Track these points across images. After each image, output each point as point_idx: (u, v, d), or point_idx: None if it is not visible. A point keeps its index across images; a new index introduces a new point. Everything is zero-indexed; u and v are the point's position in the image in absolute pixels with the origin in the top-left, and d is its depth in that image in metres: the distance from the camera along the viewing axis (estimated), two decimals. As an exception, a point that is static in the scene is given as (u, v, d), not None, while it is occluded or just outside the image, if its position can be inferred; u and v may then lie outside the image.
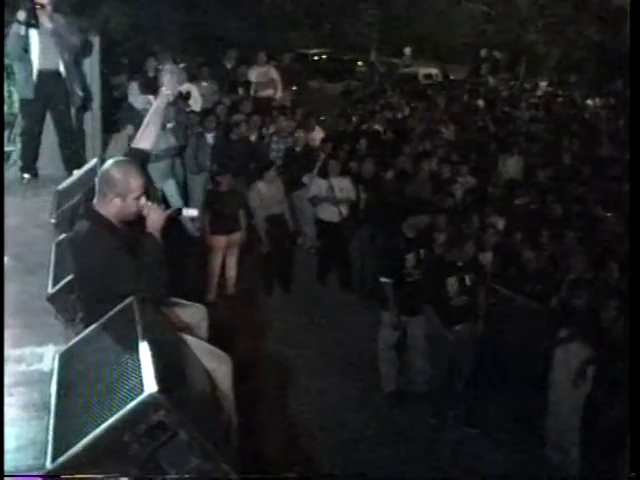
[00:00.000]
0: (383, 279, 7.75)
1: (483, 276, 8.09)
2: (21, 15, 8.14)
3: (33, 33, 8.27)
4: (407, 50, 24.41)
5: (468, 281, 7.72)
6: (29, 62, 8.42)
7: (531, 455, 7.02)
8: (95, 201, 3.97)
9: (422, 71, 23.26)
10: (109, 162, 4.03)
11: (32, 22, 8.16)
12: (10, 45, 8.46)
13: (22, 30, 8.22)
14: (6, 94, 11.88)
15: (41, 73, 8.46)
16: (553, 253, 8.74)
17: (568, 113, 17.56)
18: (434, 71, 23.25)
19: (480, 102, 17.36)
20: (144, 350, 3.37)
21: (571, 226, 9.26)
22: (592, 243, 8.76)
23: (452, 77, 22.56)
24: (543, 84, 22.42)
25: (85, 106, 8.98)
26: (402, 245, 7.82)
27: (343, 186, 9.99)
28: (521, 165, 12.41)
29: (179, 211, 4.57)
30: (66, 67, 8.46)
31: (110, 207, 3.92)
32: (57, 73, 8.48)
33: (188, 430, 3.19)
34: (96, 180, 4.04)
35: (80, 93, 8.66)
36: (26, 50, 8.40)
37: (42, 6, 8.14)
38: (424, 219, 8.03)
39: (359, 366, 8.19)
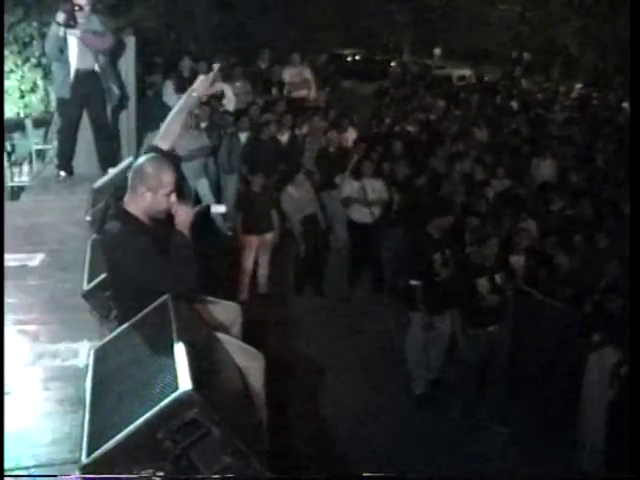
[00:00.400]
0: (413, 282, 7.75)
1: (513, 277, 8.06)
2: (60, 17, 8.25)
3: (70, 34, 8.38)
4: (437, 51, 24.34)
5: (499, 281, 7.69)
6: (67, 62, 8.53)
7: (559, 456, 6.99)
8: (126, 198, 4.00)
9: (456, 72, 23.21)
10: (143, 157, 4.07)
11: (70, 23, 8.27)
12: (49, 46, 8.59)
13: (61, 31, 8.33)
14: (43, 93, 12.13)
15: (78, 73, 8.55)
16: (586, 257, 8.66)
17: (602, 116, 17.40)
18: (468, 72, 23.18)
19: (514, 104, 17.27)
20: (178, 348, 3.39)
21: (604, 230, 9.17)
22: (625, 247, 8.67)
23: (486, 79, 22.46)
24: (578, 86, 22.27)
25: (122, 104, 9.07)
26: (429, 246, 7.83)
27: (375, 187, 9.97)
28: (555, 168, 12.32)
29: (207, 208, 4.59)
30: (102, 66, 8.55)
31: (141, 201, 3.95)
32: (94, 72, 8.57)
33: (221, 428, 3.21)
34: (129, 175, 4.08)
35: (117, 91, 8.77)
36: (63, 51, 8.52)
37: (80, 7, 8.25)
38: (448, 220, 8.01)
39: (390, 367, 8.18)
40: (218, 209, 4.76)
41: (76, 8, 8.24)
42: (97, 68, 8.55)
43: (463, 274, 7.79)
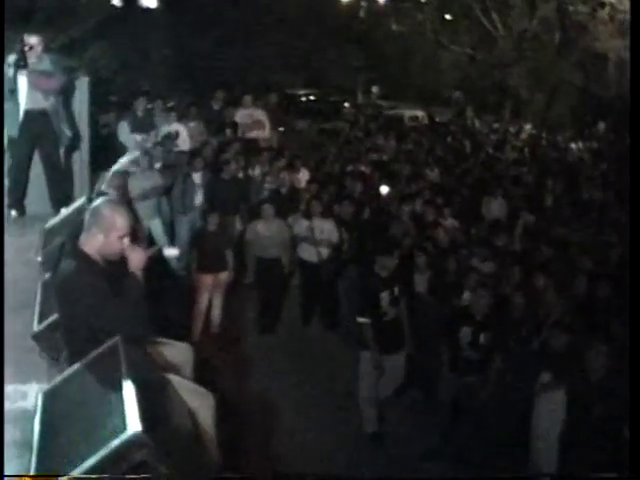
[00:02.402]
0: (361, 319, 7.80)
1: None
2: (11, 58, 8.26)
3: (20, 74, 8.37)
4: (374, 89, 24.75)
5: (482, 339, 7.76)
6: (16, 102, 8.53)
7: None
8: (81, 238, 4.04)
9: (408, 113, 23.54)
10: (100, 199, 4.13)
11: (21, 63, 8.27)
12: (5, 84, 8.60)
13: (10, 72, 8.33)
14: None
15: (27, 113, 8.53)
16: (534, 296, 8.80)
17: (552, 156, 17.79)
18: (420, 113, 23.52)
19: (465, 144, 17.59)
20: (128, 389, 3.40)
21: (551, 269, 9.34)
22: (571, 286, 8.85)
23: (437, 119, 22.82)
24: (527, 127, 22.74)
25: (74, 145, 9.03)
26: (376, 285, 7.89)
27: (324, 228, 10.04)
28: (505, 208, 12.53)
29: (160, 250, 4.63)
30: (52, 107, 8.51)
31: (94, 242, 4.00)
32: (44, 113, 8.55)
33: (170, 470, 3.22)
34: (85, 216, 4.12)
35: (68, 133, 8.72)
36: (13, 91, 8.51)
37: (31, 47, 8.25)
38: (393, 260, 8.03)
39: (344, 405, 8.18)
40: (171, 252, 4.81)
41: (26, 48, 8.25)
42: (47, 108, 8.52)
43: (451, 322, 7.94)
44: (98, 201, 4.14)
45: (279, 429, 7.32)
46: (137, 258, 4.01)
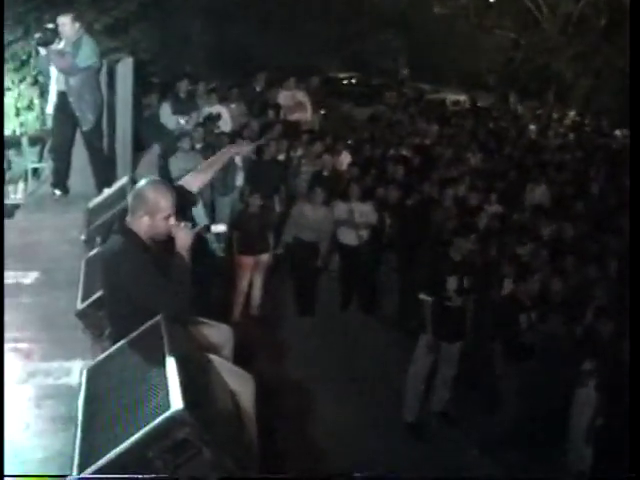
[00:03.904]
0: (423, 296, 7.69)
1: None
2: (36, 35, 8.35)
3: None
4: (404, 72, 24.54)
5: (533, 318, 7.74)
6: (49, 82, 8.63)
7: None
8: (128, 218, 4.07)
9: (450, 97, 23.33)
10: (143, 181, 4.14)
11: (40, 41, 8.32)
12: (39, 64, 8.69)
13: (42, 51, 8.39)
14: (39, 111, 12.19)
15: (59, 93, 8.60)
16: (577, 282, 8.72)
17: (596, 142, 17.52)
18: (462, 98, 23.30)
19: (508, 130, 17.38)
20: (171, 367, 3.43)
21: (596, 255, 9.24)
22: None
23: (480, 104, 22.58)
24: (572, 113, 22.41)
25: (97, 128, 8.96)
26: (446, 267, 7.75)
27: (363, 211, 10.02)
28: (548, 194, 12.39)
29: (207, 228, 4.65)
30: (71, 89, 8.51)
31: (140, 225, 4.02)
32: (64, 94, 8.59)
33: (211, 448, 3.23)
34: (129, 197, 4.14)
35: (90, 117, 8.69)
36: (45, 70, 8.59)
37: (55, 27, 8.29)
38: (468, 243, 7.86)
39: (380, 389, 8.17)
40: (218, 228, 4.83)
41: (49, 26, 8.30)
42: (66, 90, 8.53)
43: (504, 310, 7.85)
44: (141, 183, 4.14)
45: (315, 413, 7.31)
46: (184, 237, 4.04)
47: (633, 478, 3.92)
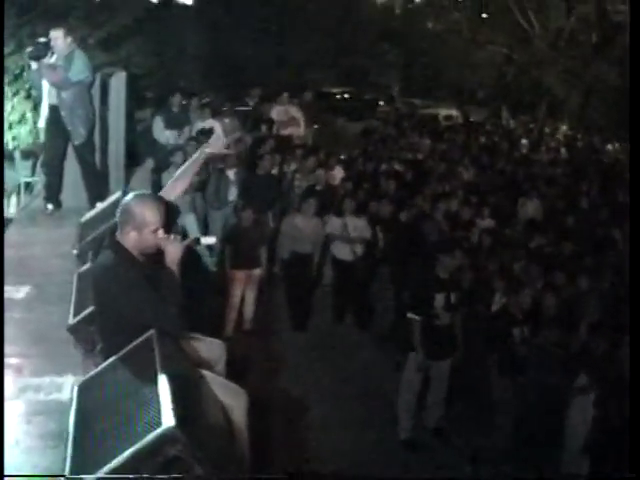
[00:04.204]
0: (411, 315, 7.63)
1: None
2: (28, 49, 8.37)
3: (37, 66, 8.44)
4: (397, 87, 24.65)
5: (526, 332, 7.77)
6: (42, 95, 8.63)
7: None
8: (117, 233, 4.06)
9: (442, 112, 23.46)
10: (129, 195, 4.12)
11: (32, 55, 8.34)
12: (31, 78, 8.70)
13: (34, 64, 8.41)
14: (32, 125, 12.18)
15: (51, 107, 8.60)
16: (569, 297, 8.73)
17: (588, 158, 17.61)
18: (454, 112, 23.43)
19: (500, 144, 17.46)
20: (162, 384, 3.41)
21: (587, 270, 9.26)
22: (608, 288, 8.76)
23: (472, 119, 22.70)
24: (563, 128, 22.53)
25: (89, 142, 8.95)
26: (432, 285, 7.71)
27: (357, 225, 10.02)
28: (540, 208, 12.43)
29: (197, 240, 4.62)
30: (63, 102, 8.51)
31: (129, 239, 4.00)
32: (56, 108, 8.59)
33: (203, 465, 3.21)
34: (117, 212, 4.13)
35: (82, 131, 8.68)
36: (38, 84, 8.60)
37: (49, 41, 8.31)
38: (455, 261, 7.83)
39: (376, 407, 8.14)
40: (208, 240, 4.81)
41: (41, 40, 8.32)
42: (57, 104, 8.53)
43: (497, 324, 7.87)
44: (127, 197, 4.12)
45: (309, 428, 7.28)
46: (174, 250, 4.01)
47: (633, 478, 3.91)
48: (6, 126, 12.17)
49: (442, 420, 7.99)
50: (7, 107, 12.18)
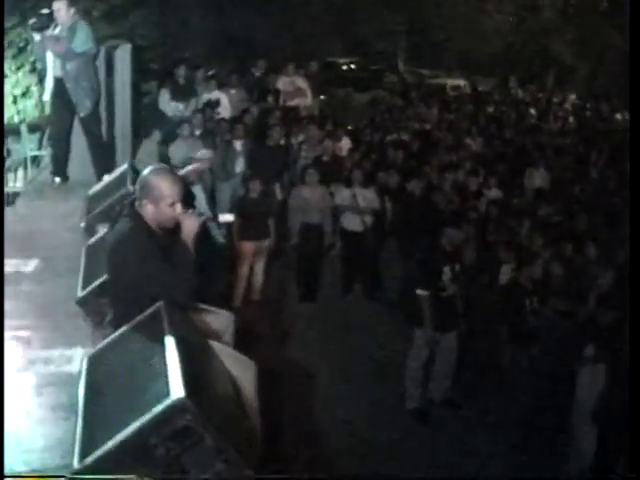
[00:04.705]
0: (420, 291, 7.62)
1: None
2: (31, 21, 8.33)
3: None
4: (403, 57, 24.56)
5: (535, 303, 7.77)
6: (47, 68, 8.60)
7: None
8: (136, 204, 4.07)
9: (450, 82, 23.26)
10: (147, 169, 4.13)
11: (35, 26, 8.30)
12: (35, 51, 8.66)
13: (37, 36, 8.36)
14: (38, 99, 12.16)
15: (56, 80, 8.57)
16: (578, 267, 8.70)
17: (596, 127, 17.48)
18: (462, 82, 23.23)
19: (508, 114, 17.34)
20: (171, 355, 3.42)
21: (596, 240, 9.22)
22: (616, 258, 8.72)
23: (480, 89, 22.50)
24: (572, 97, 22.32)
25: (95, 115, 8.96)
26: (439, 258, 7.69)
27: (367, 196, 9.99)
28: (548, 178, 12.38)
29: (215, 217, 4.62)
30: (67, 74, 8.47)
31: (146, 212, 4.02)
32: (61, 80, 8.56)
33: (213, 435, 3.23)
34: (136, 185, 4.15)
35: (88, 103, 8.66)
36: (42, 57, 8.56)
37: (52, 12, 8.26)
38: (461, 234, 7.82)
39: (384, 377, 8.17)
40: (225, 217, 4.81)
41: (44, 11, 8.28)
42: (62, 76, 8.49)
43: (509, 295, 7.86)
44: (145, 171, 4.14)
45: (317, 399, 7.31)
46: (191, 224, 4.03)
47: (633, 478, 3.91)
48: (11, 100, 12.16)
49: (451, 392, 8.02)
50: (12, 80, 12.17)
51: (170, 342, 3.51)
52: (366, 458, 6.68)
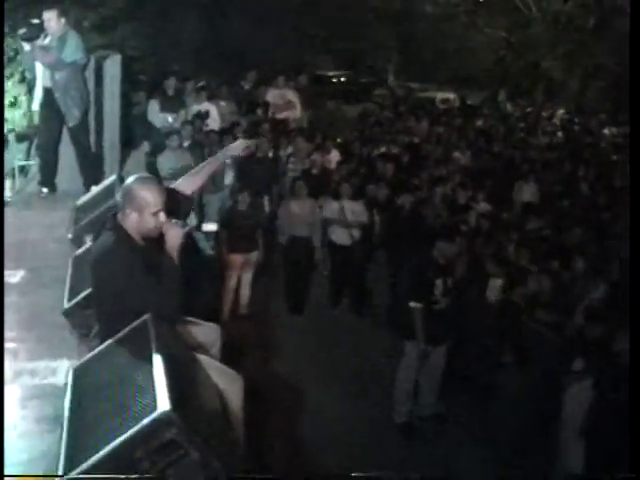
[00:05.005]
0: (413, 304, 7.57)
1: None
2: (21, 31, 8.32)
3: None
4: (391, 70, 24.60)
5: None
6: (36, 78, 8.59)
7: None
8: (118, 217, 4.04)
9: (439, 96, 23.37)
10: (131, 177, 4.11)
11: (25, 36, 8.29)
12: (24, 60, 8.65)
13: (26, 46, 8.35)
14: (26, 108, 12.10)
15: (45, 90, 8.55)
16: (565, 280, 8.73)
17: (584, 142, 17.57)
18: (451, 96, 23.34)
19: (497, 128, 17.42)
20: (158, 368, 3.39)
21: (584, 254, 9.25)
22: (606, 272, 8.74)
23: (469, 102, 22.61)
24: (560, 112, 22.46)
25: (84, 125, 8.93)
26: (431, 271, 7.65)
27: (355, 209, 9.98)
28: (537, 192, 12.42)
29: (198, 226, 4.59)
30: (56, 84, 8.45)
31: (130, 221, 3.99)
32: (50, 90, 8.54)
33: (199, 449, 3.21)
34: (118, 195, 4.12)
35: (76, 113, 8.63)
36: (31, 67, 8.55)
37: (42, 23, 8.26)
38: (453, 247, 7.77)
39: (371, 390, 8.14)
40: (209, 227, 4.79)
41: (34, 21, 8.27)
42: (51, 86, 8.48)
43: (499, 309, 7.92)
44: (129, 180, 4.11)
45: (305, 412, 7.28)
46: (174, 234, 4.00)
47: (633, 478, 3.91)
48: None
49: (438, 405, 8.00)
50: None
51: (157, 355, 3.49)
52: (352, 472, 6.62)
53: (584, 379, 6.95)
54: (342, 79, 25.05)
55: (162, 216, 3.99)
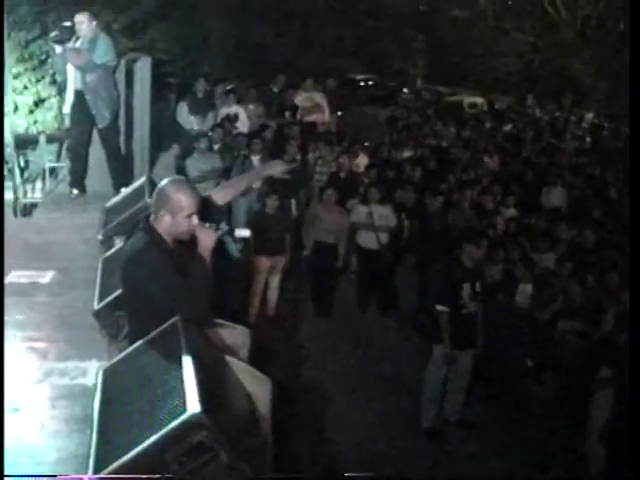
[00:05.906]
0: (440, 307, 7.55)
1: None
2: (53, 33, 8.38)
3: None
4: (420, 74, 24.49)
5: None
6: (67, 80, 8.66)
7: None
8: (151, 219, 4.06)
9: (467, 100, 23.29)
10: (165, 180, 4.12)
11: (56, 39, 8.36)
12: (55, 63, 8.72)
13: (58, 48, 8.41)
14: (57, 111, 12.22)
15: (76, 92, 8.62)
16: (594, 288, 8.66)
17: (613, 146, 17.43)
18: (479, 100, 23.26)
19: (525, 132, 17.32)
20: (187, 370, 3.39)
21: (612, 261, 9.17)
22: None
23: (497, 106, 22.51)
24: (589, 116, 22.30)
25: (114, 127, 8.98)
26: (459, 275, 7.65)
27: (383, 214, 9.95)
28: (565, 197, 12.33)
29: (231, 231, 4.59)
30: (87, 86, 8.51)
31: (162, 223, 4.00)
32: (81, 92, 8.60)
33: (228, 452, 3.20)
34: (153, 197, 4.14)
35: (107, 115, 8.69)
36: (62, 69, 8.62)
37: (72, 25, 8.32)
38: (480, 251, 7.77)
39: (399, 394, 8.12)
40: (242, 233, 4.78)
41: (66, 24, 8.33)
42: (82, 88, 8.54)
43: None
44: (163, 182, 4.12)
45: (332, 416, 7.26)
46: (207, 238, 4.00)
47: (633, 478, 3.87)
48: (27, 110, 12.22)
49: (464, 410, 7.96)
50: (32, 92, 12.23)
51: (186, 357, 3.49)
52: (379, 475, 6.62)
53: (609, 387, 6.90)
54: (370, 83, 25.03)
55: (195, 219, 4.00)
